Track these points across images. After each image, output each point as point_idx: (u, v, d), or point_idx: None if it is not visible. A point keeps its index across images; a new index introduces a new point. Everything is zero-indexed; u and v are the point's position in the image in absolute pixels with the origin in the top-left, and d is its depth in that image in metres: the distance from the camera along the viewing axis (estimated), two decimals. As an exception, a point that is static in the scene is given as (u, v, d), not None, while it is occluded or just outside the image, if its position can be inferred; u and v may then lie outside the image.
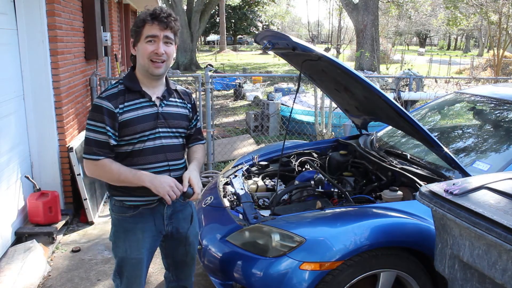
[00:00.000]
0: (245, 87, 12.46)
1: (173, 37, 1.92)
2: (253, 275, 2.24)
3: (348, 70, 2.41)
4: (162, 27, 1.86)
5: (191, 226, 2.15)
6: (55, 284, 3.09)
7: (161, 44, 1.87)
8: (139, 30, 1.87)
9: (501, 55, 15.69)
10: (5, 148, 3.40)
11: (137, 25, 1.88)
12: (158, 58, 1.87)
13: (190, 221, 2.15)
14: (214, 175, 4.93)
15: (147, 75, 1.93)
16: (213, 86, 5.57)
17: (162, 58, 1.88)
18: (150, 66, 1.88)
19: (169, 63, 1.94)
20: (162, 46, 1.87)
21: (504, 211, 1.63)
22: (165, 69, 1.92)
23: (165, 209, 2.02)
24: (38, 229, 3.58)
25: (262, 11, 41.46)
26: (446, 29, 33.93)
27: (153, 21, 1.85)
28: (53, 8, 3.78)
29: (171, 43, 1.92)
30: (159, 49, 1.86)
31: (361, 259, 2.18)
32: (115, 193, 1.97)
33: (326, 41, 41.29)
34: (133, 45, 1.92)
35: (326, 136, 6.05)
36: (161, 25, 1.85)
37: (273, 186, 3.15)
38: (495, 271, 1.62)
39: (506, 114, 3.14)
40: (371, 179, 3.02)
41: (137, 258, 1.99)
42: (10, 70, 3.56)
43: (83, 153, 1.90)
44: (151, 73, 1.90)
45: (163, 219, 2.03)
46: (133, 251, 1.97)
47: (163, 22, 1.86)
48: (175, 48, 1.98)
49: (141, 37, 1.87)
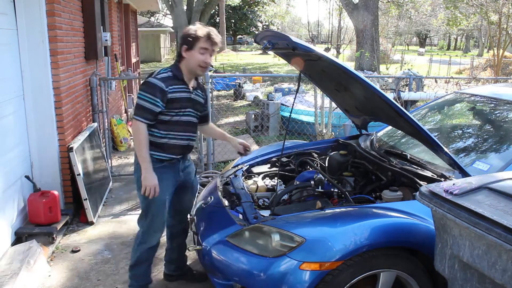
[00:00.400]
0: (245, 87, 12.46)
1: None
2: (253, 275, 2.24)
3: (348, 70, 2.41)
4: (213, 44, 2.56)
5: (195, 178, 2.95)
6: (55, 284, 3.09)
7: (209, 57, 2.57)
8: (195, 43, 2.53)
9: (501, 55, 15.69)
10: (5, 148, 3.40)
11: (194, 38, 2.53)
12: (206, 65, 2.59)
13: (194, 173, 2.95)
14: (214, 175, 4.93)
15: (191, 73, 2.63)
16: (213, 86, 5.57)
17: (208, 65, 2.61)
18: (198, 70, 2.60)
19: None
20: (209, 58, 2.57)
21: (504, 211, 1.63)
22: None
23: (180, 164, 2.73)
24: (38, 229, 3.58)
25: (262, 11, 41.44)
26: (446, 29, 33.92)
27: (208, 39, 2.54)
28: (53, 8, 3.78)
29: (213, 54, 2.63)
30: (207, 59, 2.57)
31: (361, 259, 2.18)
32: (151, 148, 2.57)
33: (326, 41, 41.27)
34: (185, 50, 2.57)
35: (326, 136, 6.05)
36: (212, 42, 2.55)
37: (273, 186, 3.15)
38: (495, 271, 1.62)
39: (506, 114, 3.13)
40: (371, 179, 3.02)
41: (162, 199, 2.63)
42: (10, 70, 3.56)
43: (134, 114, 2.56)
44: (198, 74, 2.67)
45: (179, 171, 2.74)
46: (160, 194, 2.57)
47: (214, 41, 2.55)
48: None
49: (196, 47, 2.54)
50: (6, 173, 3.40)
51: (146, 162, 2.52)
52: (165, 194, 2.65)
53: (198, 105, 2.73)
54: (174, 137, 2.62)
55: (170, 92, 2.53)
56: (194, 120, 2.73)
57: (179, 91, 2.58)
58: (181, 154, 2.70)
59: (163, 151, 2.62)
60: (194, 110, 2.70)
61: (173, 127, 2.61)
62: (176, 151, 2.65)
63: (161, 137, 2.60)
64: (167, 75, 2.57)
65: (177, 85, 2.57)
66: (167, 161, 2.64)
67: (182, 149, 2.69)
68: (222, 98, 12.72)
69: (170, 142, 2.62)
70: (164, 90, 2.51)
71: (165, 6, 22.31)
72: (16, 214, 3.60)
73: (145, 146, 2.53)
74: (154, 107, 2.51)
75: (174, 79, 2.57)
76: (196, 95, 2.70)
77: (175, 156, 2.66)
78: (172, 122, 2.60)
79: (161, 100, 2.51)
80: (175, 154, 2.66)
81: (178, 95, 2.57)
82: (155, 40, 29.09)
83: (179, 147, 2.66)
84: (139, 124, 2.53)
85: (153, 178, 2.52)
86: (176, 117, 2.61)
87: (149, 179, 2.52)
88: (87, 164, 4.28)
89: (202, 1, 21.12)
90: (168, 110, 2.56)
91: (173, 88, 2.55)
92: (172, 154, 2.65)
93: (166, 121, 2.59)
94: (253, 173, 3.39)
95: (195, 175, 2.96)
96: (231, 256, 2.38)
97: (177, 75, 2.59)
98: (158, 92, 2.50)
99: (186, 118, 2.65)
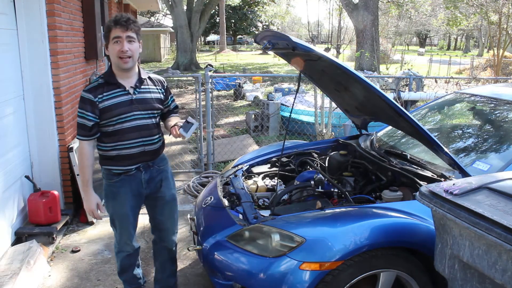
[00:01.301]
0: (245, 87, 12.45)
1: (135, 36, 2.34)
2: (253, 275, 2.24)
3: (348, 70, 2.41)
4: (124, 29, 2.29)
5: (166, 188, 2.62)
6: (55, 284, 3.09)
7: (125, 43, 2.29)
8: (108, 34, 2.32)
9: (501, 55, 15.69)
10: (5, 148, 3.40)
11: (106, 30, 2.33)
12: (124, 55, 2.29)
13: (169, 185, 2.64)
14: (214, 175, 4.93)
15: (120, 69, 2.37)
16: (213, 86, 5.57)
17: (128, 54, 2.31)
18: (119, 62, 2.32)
19: (136, 57, 2.37)
20: (126, 44, 2.29)
21: (504, 211, 1.63)
22: (132, 63, 2.36)
23: (142, 175, 2.50)
24: (38, 229, 3.58)
25: (262, 11, 41.47)
26: (446, 29, 33.92)
27: (115, 25, 2.29)
28: (53, 8, 3.78)
29: (134, 41, 2.33)
30: (123, 47, 2.29)
31: (361, 259, 2.18)
32: (105, 162, 2.48)
33: (326, 41, 41.27)
34: (106, 47, 2.37)
35: (326, 136, 6.05)
36: (122, 28, 2.28)
37: (273, 186, 3.15)
38: (495, 271, 1.62)
39: (506, 114, 3.13)
40: (371, 179, 3.02)
41: (123, 214, 2.51)
42: (10, 70, 3.56)
43: None
44: (121, 67, 2.35)
45: (142, 183, 2.51)
46: (120, 208, 2.50)
47: (123, 25, 2.29)
48: (140, 45, 2.41)
49: (109, 39, 2.31)
50: (6, 173, 3.40)
51: (85, 184, 2.43)
52: (125, 207, 2.50)
53: (148, 104, 2.43)
54: (123, 147, 2.41)
55: (100, 101, 2.32)
56: (147, 122, 2.44)
57: (112, 97, 2.35)
58: (138, 164, 2.46)
59: (117, 163, 2.44)
60: (143, 111, 2.41)
61: (118, 137, 2.39)
62: (130, 162, 2.43)
63: (109, 150, 2.43)
64: (96, 83, 2.37)
65: (109, 91, 2.35)
66: (124, 173, 2.46)
67: (137, 157, 2.44)
68: (222, 98, 12.73)
69: (121, 153, 2.42)
70: (93, 101, 2.32)
71: (165, 6, 22.35)
72: (16, 214, 3.60)
73: (86, 167, 2.41)
74: (86, 121, 2.33)
75: (105, 85, 2.36)
76: (141, 92, 2.42)
77: (131, 167, 2.45)
78: (116, 132, 2.38)
79: (91, 113, 2.32)
80: (130, 165, 2.44)
81: (111, 101, 2.34)
82: (155, 40, 29.10)
83: (132, 157, 2.43)
84: (80, 143, 2.40)
85: (92, 202, 2.45)
86: (118, 126, 2.37)
87: (88, 203, 2.46)
88: (87, 164, 4.27)
89: (202, 1, 21.14)
90: (107, 120, 2.36)
91: (104, 96, 2.33)
92: (127, 165, 2.44)
93: (109, 133, 2.39)
94: (253, 173, 3.39)
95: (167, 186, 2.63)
96: (231, 256, 2.38)
97: (108, 80, 2.37)
98: (88, 104, 2.32)
99: (130, 124, 2.38)
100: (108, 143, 2.41)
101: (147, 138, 2.44)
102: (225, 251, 2.42)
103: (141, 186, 2.51)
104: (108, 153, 2.43)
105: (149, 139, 2.45)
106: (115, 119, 2.35)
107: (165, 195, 2.62)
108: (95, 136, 2.40)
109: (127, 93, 2.38)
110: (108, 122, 2.36)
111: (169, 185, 2.65)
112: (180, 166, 5.67)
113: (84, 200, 2.49)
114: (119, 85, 2.37)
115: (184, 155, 6.32)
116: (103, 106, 2.33)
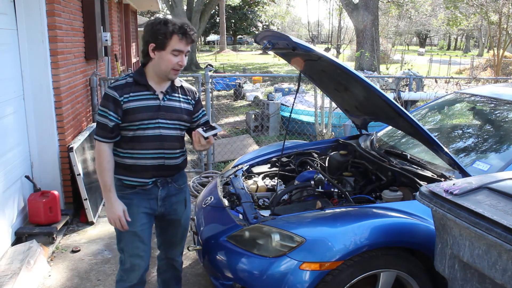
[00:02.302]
0: (245, 87, 12.45)
1: None
2: (253, 275, 2.24)
3: (348, 70, 2.41)
4: (189, 42, 2.09)
5: (185, 210, 2.39)
6: (55, 284, 3.09)
7: (184, 57, 2.10)
8: (165, 41, 2.04)
9: (501, 55, 15.68)
10: (5, 148, 3.40)
11: (163, 34, 2.03)
12: (180, 68, 2.11)
13: (184, 205, 2.37)
14: (214, 175, 4.93)
15: (162, 77, 2.14)
16: (213, 86, 5.57)
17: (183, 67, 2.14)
18: (171, 73, 2.11)
19: None
20: (184, 58, 2.11)
21: (504, 211, 1.63)
22: None
23: (159, 192, 2.24)
24: (38, 229, 3.58)
25: (262, 11, 41.46)
26: (446, 29, 33.90)
27: (182, 36, 2.05)
28: (53, 8, 3.78)
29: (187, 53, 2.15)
30: (183, 61, 2.10)
31: (361, 259, 2.18)
32: (117, 170, 2.19)
33: (326, 41, 41.27)
34: (154, 49, 2.08)
35: (326, 136, 6.05)
36: (188, 41, 2.08)
37: (273, 186, 3.15)
38: (495, 271, 1.62)
39: (506, 114, 3.13)
40: (371, 179, 3.02)
41: (132, 232, 2.20)
42: (10, 70, 3.56)
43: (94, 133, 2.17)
44: (170, 78, 2.16)
45: (157, 200, 2.25)
46: (129, 225, 2.16)
47: (189, 39, 2.07)
48: None
49: (167, 47, 2.05)
50: (6, 173, 3.40)
51: (107, 190, 2.12)
52: (135, 225, 2.20)
53: (175, 113, 2.19)
54: (141, 157, 2.15)
55: (125, 101, 2.09)
56: (171, 133, 2.19)
57: (139, 99, 2.11)
58: (154, 177, 2.20)
59: (132, 174, 2.18)
60: (168, 120, 2.17)
61: (138, 144, 2.14)
62: (147, 174, 2.18)
63: (126, 157, 2.17)
64: (124, 81, 2.13)
65: (137, 92, 2.12)
66: (139, 186, 2.20)
67: (155, 170, 2.18)
68: (222, 98, 12.73)
69: (138, 163, 2.16)
70: (116, 100, 2.08)
71: (165, 6, 22.34)
72: (16, 214, 3.60)
73: (106, 171, 2.11)
74: (107, 120, 2.08)
75: (133, 86, 2.12)
76: (171, 100, 2.19)
77: (147, 180, 2.19)
78: (136, 138, 2.14)
79: (113, 112, 2.08)
80: (146, 177, 2.18)
81: (137, 103, 2.10)
82: (155, 40, 29.03)
83: (149, 169, 2.17)
84: (98, 145, 2.13)
85: (117, 209, 2.12)
86: (140, 131, 2.13)
87: (112, 210, 2.12)
88: (87, 164, 4.28)
89: (202, 1, 21.14)
90: (128, 123, 2.11)
91: (131, 96, 2.10)
92: (143, 177, 2.18)
93: (129, 138, 2.15)
94: (253, 173, 3.39)
95: (185, 204, 2.38)
96: (231, 256, 2.38)
97: (138, 80, 2.13)
98: (111, 102, 2.08)
99: (153, 131, 2.14)
100: (126, 149, 2.17)
101: (168, 151, 2.19)
102: (225, 251, 2.42)
103: (156, 204, 2.25)
104: (123, 160, 2.18)
105: (170, 151, 2.20)
106: (138, 124, 2.11)
107: (181, 218, 2.37)
108: (116, 139, 2.14)
109: (155, 97, 2.15)
110: (129, 126, 2.12)
111: (188, 209, 2.41)
112: (180, 166, 5.66)
113: (107, 208, 2.14)
114: (148, 87, 2.14)
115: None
116: (128, 107, 2.09)
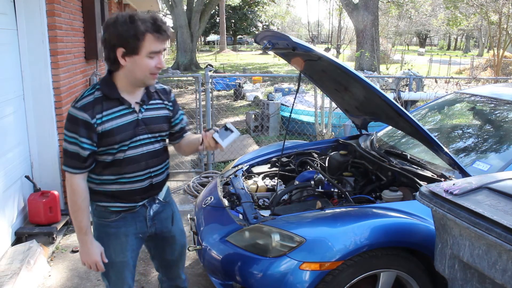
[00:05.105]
0: (245, 87, 12.46)
1: None
2: (253, 275, 2.23)
3: (348, 70, 2.41)
4: (165, 39, 1.74)
5: (174, 225, 2.12)
6: (55, 284, 3.09)
7: (162, 57, 1.77)
8: (138, 44, 1.68)
9: (501, 55, 15.69)
10: (5, 148, 3.40)
11: (133, 36, 1.67)
12: (158, 70, 1.78)
13: (171, 220, 2.11)
14: (214, 175, 4.93)
15: (136, 84, 1.81)
16: (213, 86, 5.57)
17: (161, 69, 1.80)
18: (149, 79, 1.78)
19: None
20: (162, 58, 1.78)
21: (504, 211, 1.63)
22: None
23: (147, 212, 1.98)
24: (38, 229, 3.58)
25: (262, 11, 41.45)
26: (446, 29, 33.93)
27: (156, 33, 1.69)
28: (53, 8, 3.78)
29: None
30: (161, 62, 1.76)
31: (361, 259, 2.19)
32: (98, 198, 1.90)
33: (326, 41, 41.27)
34: (125, 55, 1.70)
35: (326, 136, 6.05)
36: (164, 38, 1.73)
37: (273, 186, 3.15)
38: (495, 271, 1.62)
39: (506, 114, 3.13)
40: (371, 179, 3.02)
41: (122, 262, 1.96)
42: (10, 70, 3.56)
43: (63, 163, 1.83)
44: (148, 84, 1.83)
45: (146, 221, 1.99)
46: (117, 255, 1.94)
47: (164, 35, 1.72)
48: None
49: (140, 51, 1.69)
50: (6, 173, 3.40)
51: (83, 233, 1.82)
52: (125, 253, 1.96)
53: (156, 125, 1.89)
54: (127, 181, 1.86)
55: (99, 123, 1.73)
56: (155, 148, 1.90)
57: (114, 117, 1.77)
58: (143, 200, 1.94)
59: (117, 200, 1.88)
60: (150, 134, 1.87)
61: (120, 169, 1.83)
62: (135, 198, 1.90)
63: (106, 183, 1.86)
64: (91, 98, 1.74)
65: (110, 109, 1.77)
66: (126, 211, 1.92)
67: (143, 192, 1.91)
68: (222, 98, 12.72)
69: (125, 189, 1.86)
70: (88, 123, 1.72)
71: (165, 6, 22.33)
72: (16, 214, 3.60)
73: (81, 210, 1.80)
74: (78, 149, 1.73)
75: (103, 101, 1.76)
76: (149, 110, 1.87)
77: (136, 204, 1.92)
78: (117, 162, 1.82)
79: (87, 138, 1.73)
80: (135, 201, 1.91)
81: (114, 123, 1.76)
82: (155, 40, 29.04)
83: (138, 192, 1.90)
84: (70, 178, 1.79)
85: (94, 253, 1.84)
86: (120, 154, 1.81)
87: (88, 254, 1.85)
88: (87, 164, 4.27)
89: (202, 1, 21.12)
90: (106, 147, 1.78)
91: (103, 116, 1.75)
92: (131, 202, 1.91)
93: (108, 163, 1.82)
94: (253, 173, 3.39)
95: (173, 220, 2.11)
96: (231, 256, 2.38)
97: (108, 93, 1.77)
98: (81, 127, 1.71)
99: (135, 151, 1.84)
100: (107, 175, 1.84)
101: (155, 168, 1.92)
102: (225, 251, 2.42)
103: (145, 225, 1.99)
104: (105, 187, 1.86)
105: (157, 168, 1.93)
106: (117, 147, 1.79)
107: (175, 233, 2.13)
108: (91, 167, 1.81)
109: (131, 111, 1.81)
110: (108, 150, 1.79)
111: (178, 221, 2.17)
112: (180, 166, 5.67)
113: (82, 251, 1.85)
114: (122, 101, 1.79)
115: (184, 155, 6.32)
116: (103, 129, 1.74)
